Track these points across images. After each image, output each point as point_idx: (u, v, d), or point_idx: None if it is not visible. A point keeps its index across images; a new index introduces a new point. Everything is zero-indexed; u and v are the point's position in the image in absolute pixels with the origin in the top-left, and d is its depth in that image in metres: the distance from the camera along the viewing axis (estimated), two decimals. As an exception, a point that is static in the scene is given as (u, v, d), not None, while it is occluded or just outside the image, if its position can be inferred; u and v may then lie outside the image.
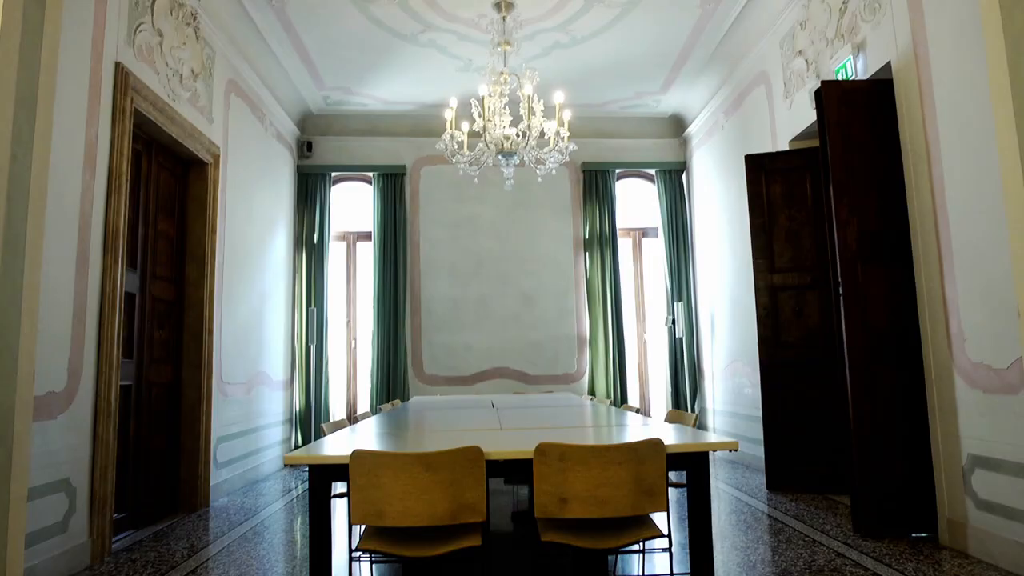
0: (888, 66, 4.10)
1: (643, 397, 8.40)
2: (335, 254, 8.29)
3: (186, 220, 5.31)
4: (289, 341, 7.67)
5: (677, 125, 8.51)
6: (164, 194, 5.01)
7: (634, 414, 3.68)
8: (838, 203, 4.04)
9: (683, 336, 8.01)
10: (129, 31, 4.18)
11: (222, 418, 5.54)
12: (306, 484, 5.82)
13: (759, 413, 5.69)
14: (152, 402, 4.76)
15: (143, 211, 4.69)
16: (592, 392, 8.02)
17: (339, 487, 2.85)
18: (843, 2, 4.60)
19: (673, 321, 8.11)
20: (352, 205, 8.50)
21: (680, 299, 8.14)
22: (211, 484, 5.27)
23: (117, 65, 4.03)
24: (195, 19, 4.93)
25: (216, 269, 5.45)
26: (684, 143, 8.46)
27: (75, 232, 3.65)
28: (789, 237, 5.31)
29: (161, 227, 4.95)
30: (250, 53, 6.13)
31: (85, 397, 3.68)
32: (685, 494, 2.62)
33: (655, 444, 2.13)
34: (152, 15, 4.42)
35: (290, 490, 5.84)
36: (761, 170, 5.44)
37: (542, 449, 2.09)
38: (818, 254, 5.18)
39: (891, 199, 4.01)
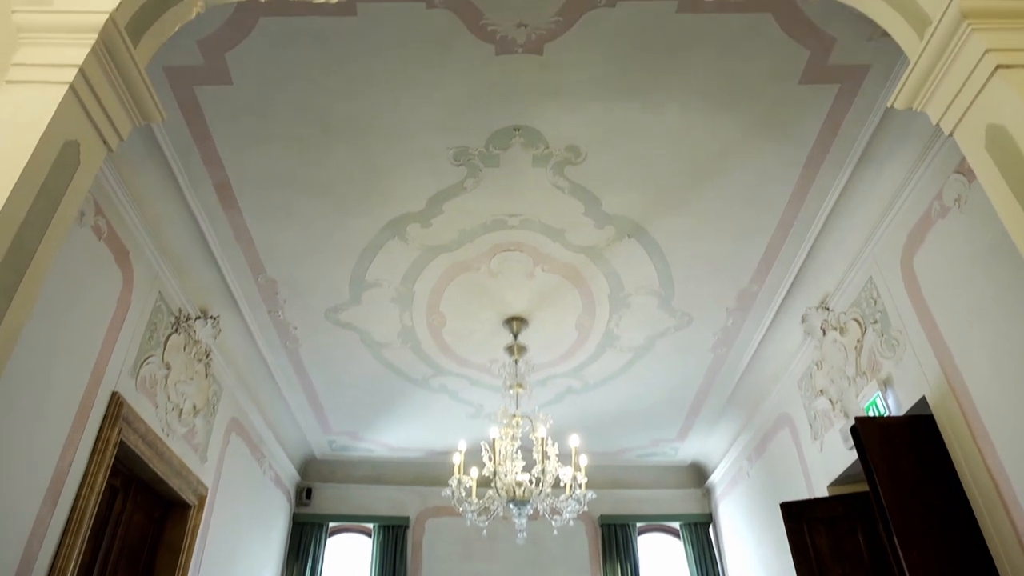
0: (924, 400, 3.86)
1: None
2: (322, 620, 7.24)
3: (153, 571, 4.65)
4: None
5: (698, 474, 8.06)
6: (133, 538, 4.46)
7: None
8: (907, 555, 3.43)
9: None
10: (136, 362, 4.10)
11: None
12: None
13: None
14: None
15: (102, 558, 4.10)
16: None
17: None
18: (857, 341, 4.56)
19: None
20: (348, 560, 7.69)
21: None
22: None
23: (113, 395, 3.85)
24: (208, 356, 4.93)
25: (175, 636, 4.61)
26: (707, 493, 7.92)
27: (7, 580, 3.08)
28: (850, 599, 4.52)
29: (120, 578, 4.31)
30: (258, 393, 6.06)
31: None
32: None
33: None
34: (164, 348, 4.40)
35: None
36: (802, 520, 4.85)
37: None
38: (889, 621, 4.33)
39: (967, 543, 3.43)
